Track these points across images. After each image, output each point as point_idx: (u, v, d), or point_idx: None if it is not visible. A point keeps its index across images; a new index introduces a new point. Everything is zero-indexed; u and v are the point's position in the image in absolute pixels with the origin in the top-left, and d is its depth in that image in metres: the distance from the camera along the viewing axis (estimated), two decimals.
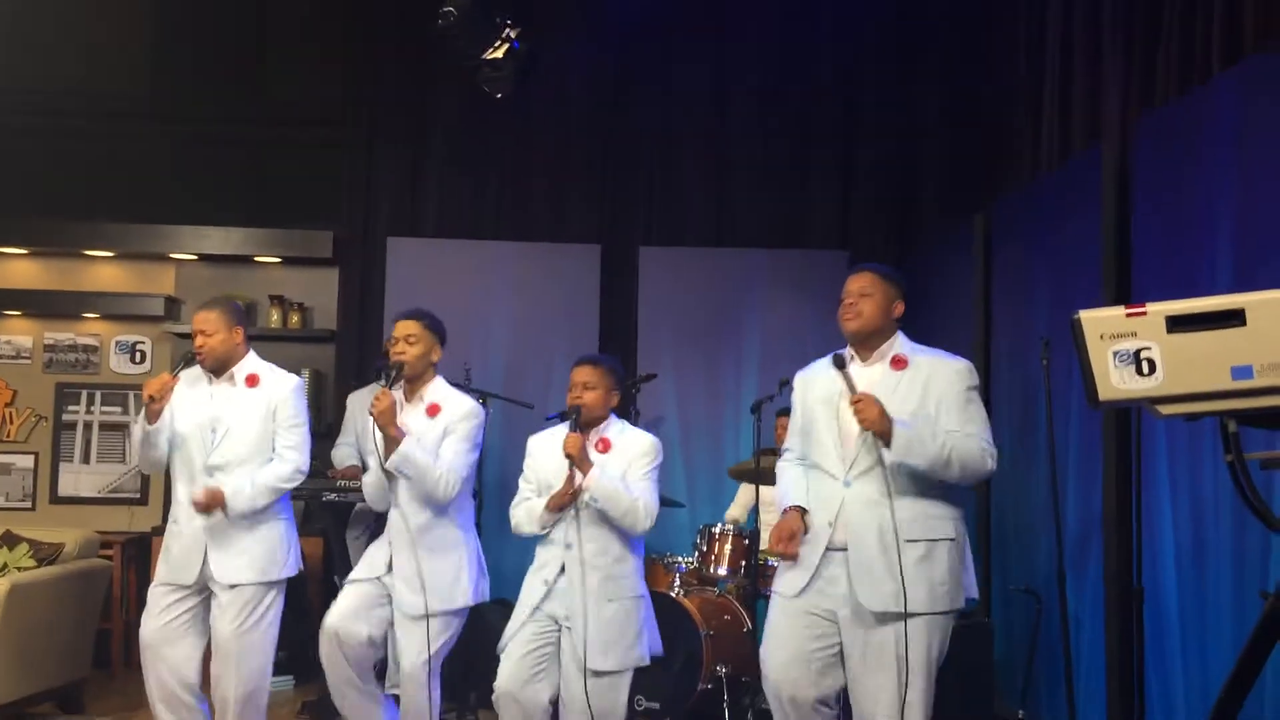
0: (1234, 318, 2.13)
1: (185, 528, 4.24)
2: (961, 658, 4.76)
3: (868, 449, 3.51)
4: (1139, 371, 2.18)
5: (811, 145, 7.03)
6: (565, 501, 3.97)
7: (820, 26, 7.00)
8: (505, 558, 6.17)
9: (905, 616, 3.40)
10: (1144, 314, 2.17)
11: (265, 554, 4.25)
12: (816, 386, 3.71)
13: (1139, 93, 4.50)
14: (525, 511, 4.12)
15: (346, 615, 4.11)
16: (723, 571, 5.44)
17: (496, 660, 4.08)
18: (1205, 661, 3.72)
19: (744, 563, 5.41)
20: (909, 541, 3.46)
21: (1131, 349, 2.18)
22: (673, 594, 5.35)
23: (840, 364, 3.59)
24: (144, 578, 6.15)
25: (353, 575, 4.26)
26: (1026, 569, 4.99)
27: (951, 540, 3.54)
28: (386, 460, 4.04)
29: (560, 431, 4.12)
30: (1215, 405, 2.18)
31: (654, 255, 6.86)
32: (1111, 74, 4.70)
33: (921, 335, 3.86)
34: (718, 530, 5.51)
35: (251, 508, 4.20)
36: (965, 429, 3.50)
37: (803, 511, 3.58)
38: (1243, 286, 3.35)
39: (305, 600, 5.96)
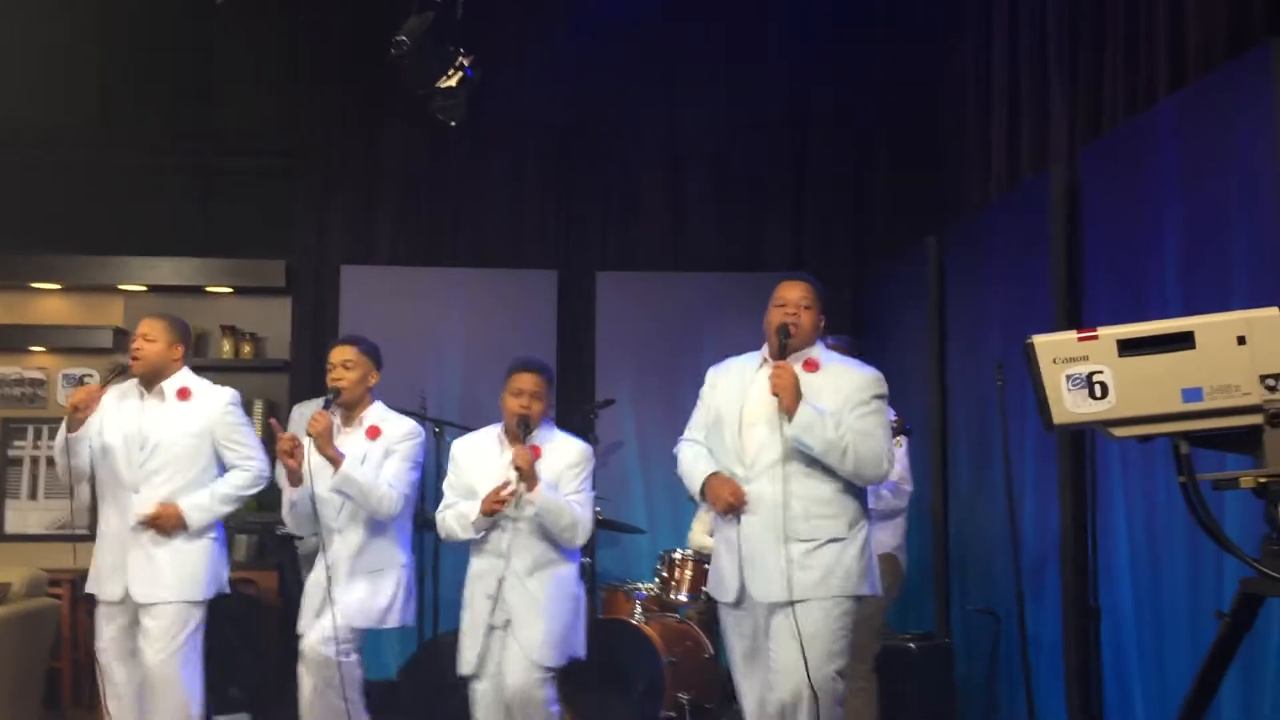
0: (1183, 340, 2.16)
1: (110, 542, 4.19)
2: (923, 678, 4.80)
3: (769, 444, 3.56)
4: (1092, 395, 2.21)
5: (765, 169, 7.06)
6: (499, 507, 3.93)
7: (772, 52, 7.05)
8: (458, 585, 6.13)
9: (784, 603, 3.49)
10: (1095, 338, 2.19)
11: (188, 573, 4.17)
12: (727, 384, 3.78)
13: (1086, 118, 4.57)
14: (456, 517, 4.07)
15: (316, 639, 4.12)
16: (684, 597, 5.42)
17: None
18: (1163, 680, 3.75)
19: (704, 588, 5.38)
20: (799, 540, 3.54)
21: (1084, 373, 2.21)
22: (634, 621, 5.32)
23: (784, 334, 3.62)
24: (94, 616, 6.03)
25: (301, 626, 4.22)
26: (985, 590, 5.02)
27: (841, 541, 3.60)
28: (330, 481, 4.04)
29: (483, 437, 4.16)
30: (1167, 427, 2.20)
31: (611, 280, 6.86)
32: (1059, 100, 4.77)
33: (876, 357, 3.91)
34: (678, 556, 5.49)
35: (213, 520, 4.17)
36: (865, 428, 3.57)
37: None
38: (1191, 309, 3.40)
39: (257, 633, 5.87)
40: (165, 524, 4.11)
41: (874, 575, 3.70)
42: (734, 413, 3.69)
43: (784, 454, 3.54)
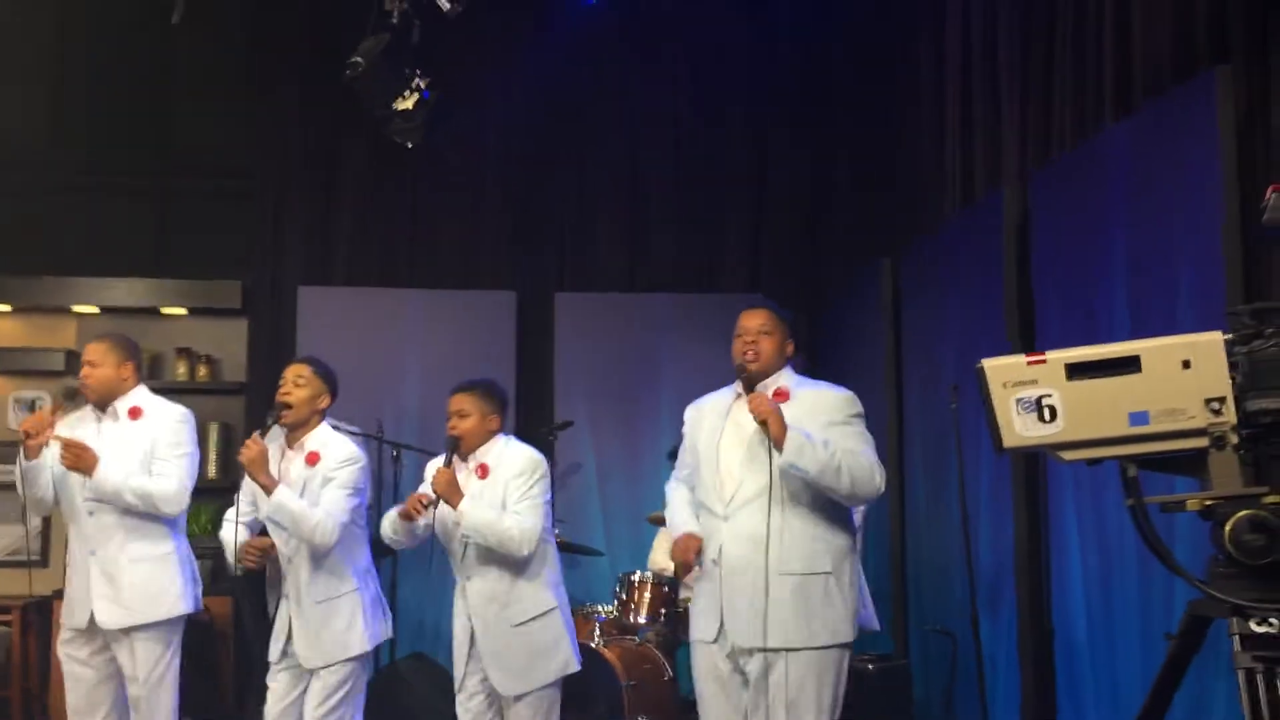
0: (1130, 365, 2.19)
1: (76, 568, 4.13)
2: (881, 699, 4.81)
3: (749, 479, 3.51)
4: (1041, 418, 2.23)
5: (723, 191, 7.11)
6: (414, 513, 3.94)
7: (730, 73, 7.10)
8: (424, 610, 6.09)
9: (765, 650, 3.42)
10: (1044, 362, 2.22)
11: (150, 593, 4.11)
12: (703, 420, 3.75)
13: (1037, 142, 4.62)
14: (387, 520, 4.12)
15: (276, 711, 4.08)
16: (643, 620, 5.40)
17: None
18: (1116, 699, 3.78)
19: (664, 611, 5.38)
20: (784, 575, 3.46)
21: (1033, 396, 2.23)
22: (593, 644, 5.29)
23: (740, 370, 3.60)
24: (45, 643, 5.93)
25: (271, 655, 4.16)
26: (941, 609, 5.04)
27: (829, 574, 3.52)
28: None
29: (439, 458, 4.14)
30: (1115, 450, 2.23)
31: (569, 301, 6.86)
32: (1010, 124, 4.83)
33: (833, 378, 3.90)
34: (637, 578, 5.47)
35: (114, 490, 4.02)
36: (849, 446, 3.51)
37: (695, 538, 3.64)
38: (1139, 332, 3.45)
39: (212, 657, 5.80)
40: (81, 455, 3.99)
41: (866, 612, 3.67)
42: (711, 449, 3.64)
43: (772, 485, 3.45)
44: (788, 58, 7.06)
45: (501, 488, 4.00)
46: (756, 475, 3.48)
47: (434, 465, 4.16)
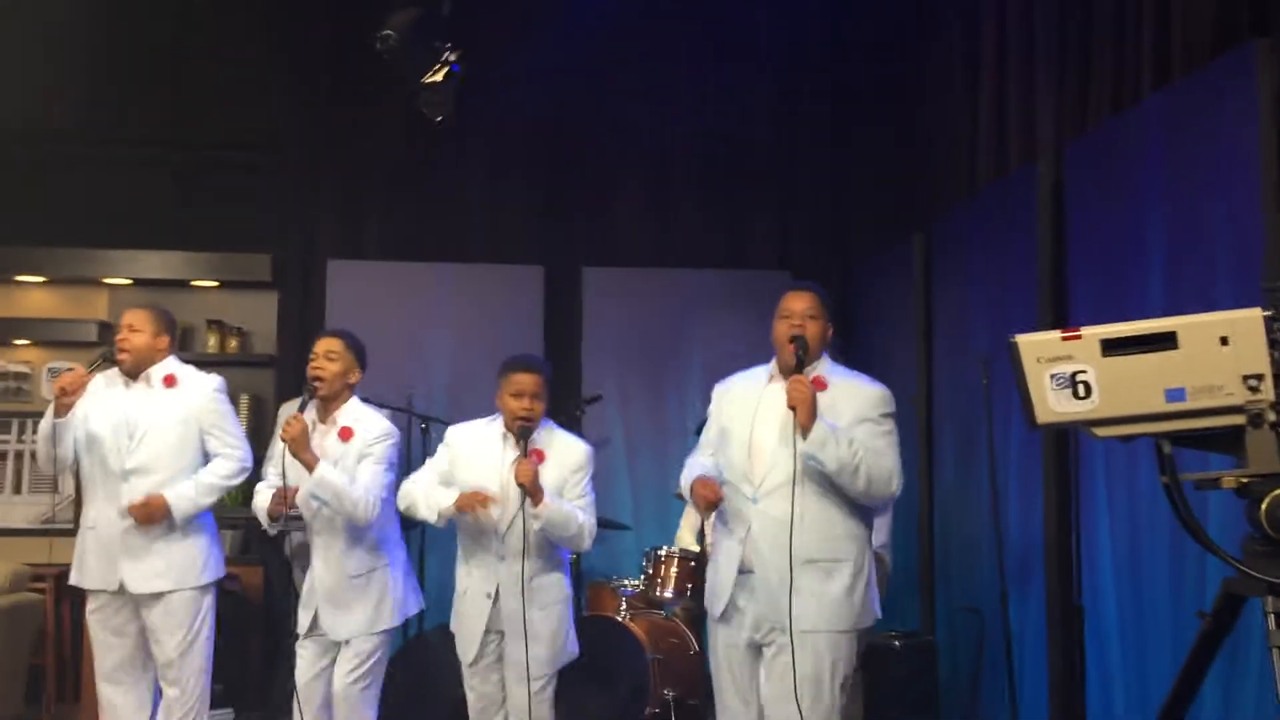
0: (1166, 341, 2.16)
1: (102, 532, 4.15)
2: (907, 676, 4.80)
3: (780, 463, 3.47)
4: (1075, 394, 2.21)
5: (751, 166, 7.07)
6: (472, 509, 3.85)
7: (758, 48, 7.05)
8: (450, 582, 6.11)
9: (790, 632, 3.39)
10: (1079, 338, 2.20)
11: (184, 560, 4.16)
12: (734, 400, 3.70)
13: (1072, 114, 4.57)
14: (425, 499, 3.97)
15: (306, 679, 4.10)
16: (669, 594, 5.41)
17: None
18: (1145, 678, 3.76)
19: (690, 585, 5.38)
20: (810, 561, 3.45)
21: (1068, 372, 2.21)
22: (619, 617, 5.31)
23: (801, 347, 3.50)
24: (78, 611, 6.00)
25: (299, 626, 4.18)
26: (969, 588, 5.03)
27: (849, 561, 3.52)
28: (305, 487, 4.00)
29: (484, 430, 4.03)
30: (1150, 427, 2.21)
31: (597, 276, 6.85)
32: (1045, 96, 4.77)
33: (862, 353, 3.89)
34: (664, 553, 5.48)
35: (196, 509, 4.16)
36: (875, 446, 3.48)
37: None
38: (1175, 308, 3.41)
39: (244, 629, 5.85)
40: (151, 514, 4.08)
41: (874, 601, 3.62)
42: (743, 431, 3.59)
43: (796, 472, 3.41)
44: (816, 27, 6.99)
45: (559, 476, 3.92)
46: (787, 460, 3.44)
47: (461, 432, 4.10)
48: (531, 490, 3.79)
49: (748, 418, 3.59)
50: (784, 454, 3.45)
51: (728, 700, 3.64)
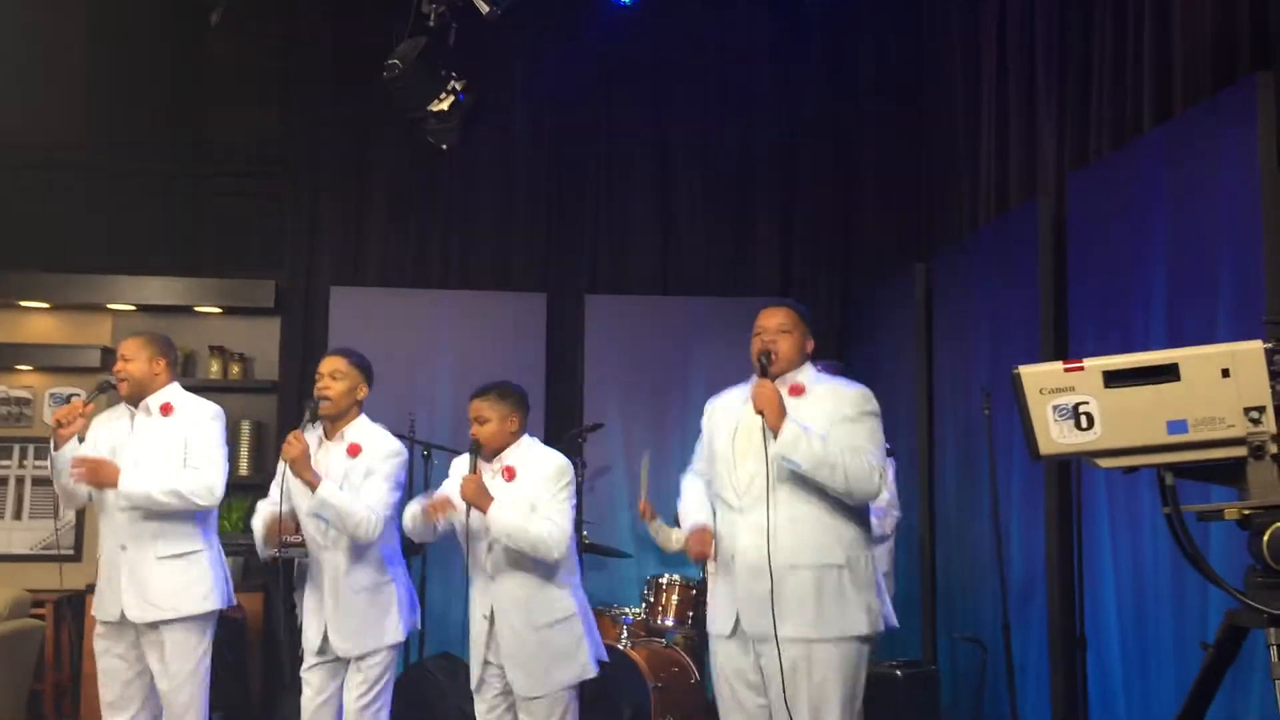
0: (1168, 373, 2.18)
1: (106, 562, 4.16)
2: (909, 706, 4.78)
3: (760, 475, 3.49)
4: (1078, 426, 2.22)
5: (754, 194, 7.10)
6: (432, 515, 3.94)
7: (760, 77, 7.10)
8: (451, 608, 6.10)
9: (777, 641, 3.39)
10: (1081, 369, 2.21)
11: (180, 587, 4.13)
12: (719, 415, 3.75)
13: (1074, 146, 4.60)
14: (409, 513, 4.09)
15: (314, 706, 4.11)
16: (670, 622, 5.41)
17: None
18: (1148, 710, 3.75)
19: (691, 613, 5.38)
20: (794, 567, 3.46)
21: (1070, 404, 2.22)
22: (620, 646, 5.30)
23: (765, 359, 3.58)
24: (78, 637, 5.99)
25: (305, 650, 4.19)
26: (972, 617, 5.02)
27: (841, 566, 3.51)
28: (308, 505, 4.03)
29: (464, 457, 4.11)
30: (1152, 459, 2.22)
31: (600, 303, 6.87)
32: (1046, 128, 4.80)
33: (863, 382, 3.87)
34: (664, 581, 5.48)
35: (144, 496, 4.05)
36: (854, 443, 3.49)
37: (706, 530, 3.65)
38: (1176, 340, 3.42)
39: (243, 656, 5.84)
40: (97, 471, 4.04)
41: (885, 608, 3.61)
42: (726, 443, 3.64)
43: (770, 477, 3.45)
44: (818, 59, 7.05)
45: (530, 490, 3.98)
46: (763, 467, 3.48)
47: (459, 464, 4.16)
48: (473, 502, 3.88)
49: (730, 431, 3.65)
50: (763, 461, 3.48)
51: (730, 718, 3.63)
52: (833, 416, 3.53)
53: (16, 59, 6.67)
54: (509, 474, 4.01)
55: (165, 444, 4.18)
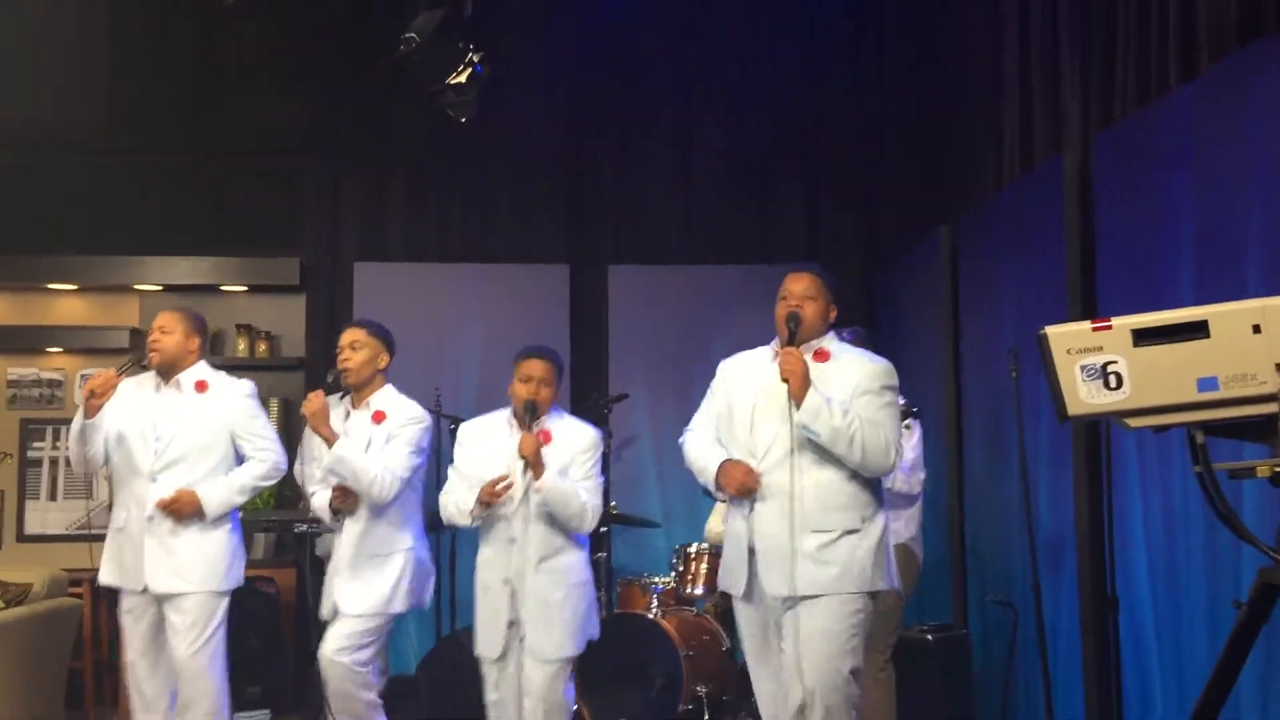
0: (1198, 330, 2.15)
1: (130, 531, 4.20)
2: (940, 669, 4.79)
3: (781, 439, 3.53)
4: (1106, 385, 2.20)
5: (777, 160, 7.06)
6: (495, 499, 3.91)
7: (783, 42, 7.04)
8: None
9: (793, 599, 3.47)
10: (1109, 328, 2.19)
11: (207, 564, 4.19)
12: (738, 378, 3.77)
13: (1098, 105, 4.54)
14: (455, 505, 4.05)
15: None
16: (700, 591, 5.43)
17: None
18: (1181, 669, 3.74)
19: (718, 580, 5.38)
20: (813, 531, 3.52)
21: (1098, 363, 2.20)
22: (650, 615, 5.33)
23: (794, 323, 3.58)
24: (115, 615, 6.06)
25: (324, 612, 4.26)
26: (1002, 580, 5.01)
27: (856, 532, 3.56)
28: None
29: (492, 421, 4.13)
30: (1182, 417, 2.20)
31: (623, 274, 6.85)
32: (1070, 87, 4.74)
33: (889, 347, 3.90)
34: (694, 550, 5.49)
35: (227, 508, 4.21)
36: (874, 418, 3.54)
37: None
38: (1204, 297, 3.38)
39: (276, 631, 5.90)
40: (182, 509, 4.13)
41: (890, 569, 3.65)
42: (746, 406, 3.66)
43: (794, 443, 3.50)
44: (841, 23, 6.98)
45: (565, 459, 4.00)
46: (786, 433, 3.52)
47: (472, 429, 4.16)
48: (533, 463, 3.88)
49: (750, 394, 3.66)
50: (783, 428, 3.52)
51: (758, 676, 3.71)
52: (857, 387, 3.58)
53: (41, 42, 6.70)
54: (546, 438, 4.01)
55: (200, 422, 4.24)
